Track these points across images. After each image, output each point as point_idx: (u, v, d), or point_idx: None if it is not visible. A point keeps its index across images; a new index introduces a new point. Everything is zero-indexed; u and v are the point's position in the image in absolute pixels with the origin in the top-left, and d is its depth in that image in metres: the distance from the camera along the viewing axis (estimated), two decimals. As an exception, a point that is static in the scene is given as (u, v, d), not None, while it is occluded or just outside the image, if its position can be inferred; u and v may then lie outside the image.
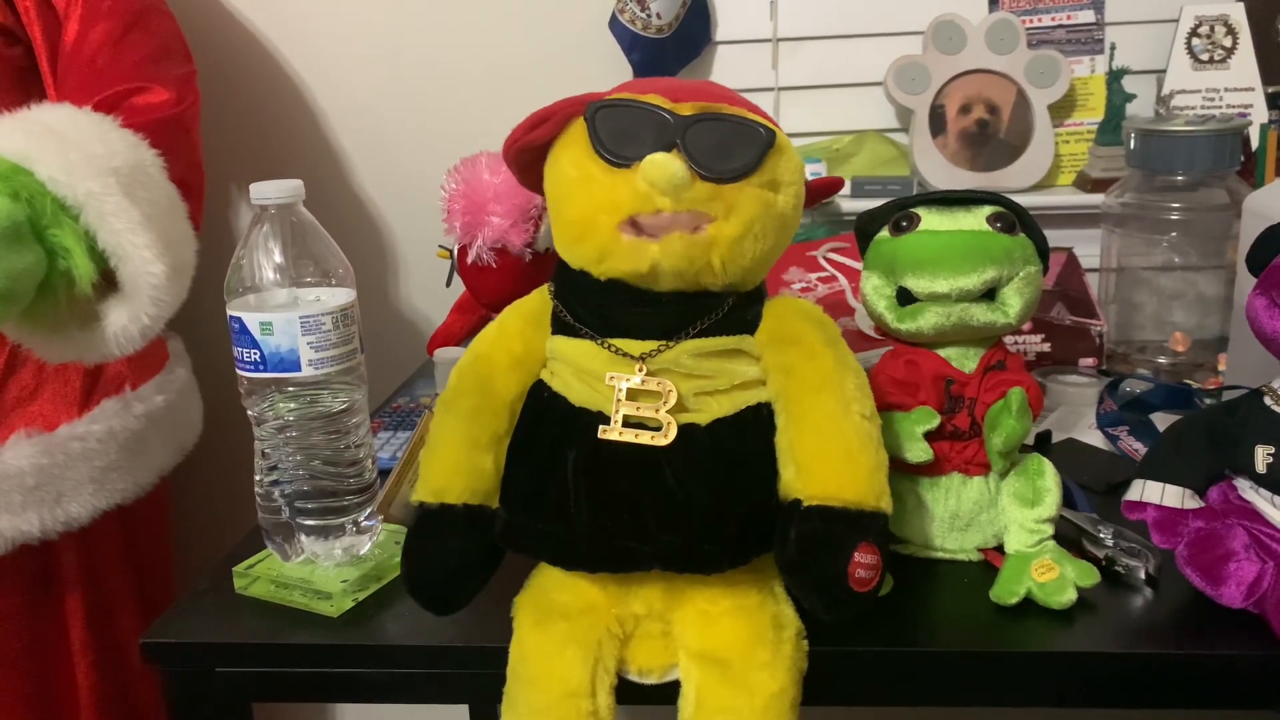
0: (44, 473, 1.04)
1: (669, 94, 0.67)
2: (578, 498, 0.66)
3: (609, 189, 0.65)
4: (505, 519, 0.69)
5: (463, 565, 0.70)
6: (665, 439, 0.66)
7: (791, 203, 0.68)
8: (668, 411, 0.66)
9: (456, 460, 0.70)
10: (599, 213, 0.65)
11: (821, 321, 0.70)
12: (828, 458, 0.65)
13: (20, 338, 0.86)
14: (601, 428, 0.67)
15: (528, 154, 0.71)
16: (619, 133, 0.65)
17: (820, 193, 0.77)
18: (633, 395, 0.67)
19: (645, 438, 0.66)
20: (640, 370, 0.67)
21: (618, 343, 0.68)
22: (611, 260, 0.66)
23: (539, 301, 0.72)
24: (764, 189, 0.66)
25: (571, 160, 0.67)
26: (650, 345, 0.67)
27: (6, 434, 1.05)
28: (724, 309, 0.68)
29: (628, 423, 0.66)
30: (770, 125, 0.67)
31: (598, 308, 0.69)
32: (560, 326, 0.70)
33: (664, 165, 0.62)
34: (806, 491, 0.65)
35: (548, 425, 0.69)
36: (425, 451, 0.71)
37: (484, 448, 0.70)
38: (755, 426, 0.68)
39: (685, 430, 0.66)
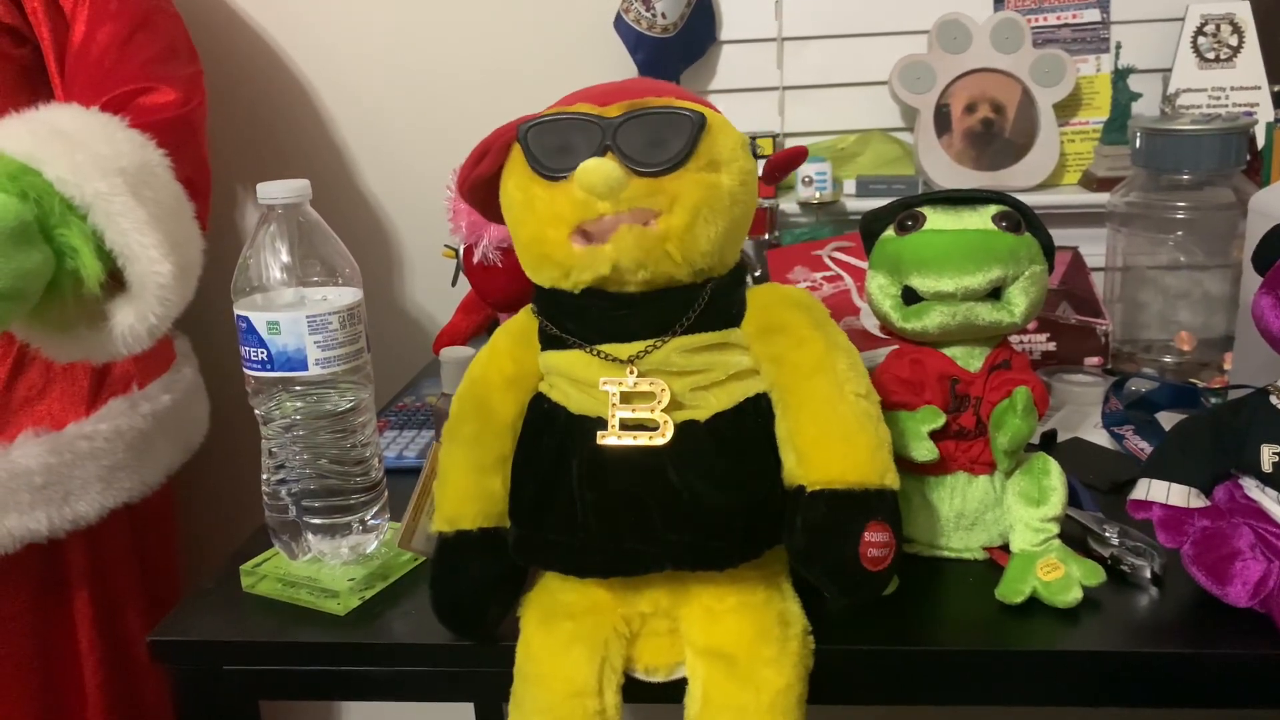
0: (52, 471, 1.04)
1: (597, 99, 0.67)
2: (584, 505, 0.66)
3: (550, 204, 0.66)
4: (516, 534, 0.70)
5: (485, 588, 0.71)
6: (663, 438, 0.66)
7: (738, 179, 0.67)
8: (663, 410, 0.66)
9: (465, 487, 0.71)
10: (547, 229, 0.66)
11: (807, 305, 0.70)
12: (827, 442, 0.65)
13: (28, 337, 0.87)
14: (599, 433, 0.67)
15: (481, 189, 0.71)
16: (552, 148, 0.66)
17: (784, 165, 0.76)
18: (627, 398, 0.67)
19: (644, 438, 0.66)
20: (631, 373, 0.67)
21: (606, 348, 0.68)
22: (575, 272, 0.66)
23: (524, 320, 0.73)
24: (704, 172, 0.66)
25: (516, 185, 0.68)
26: (638, 347, 0.67)
27: (15, 433, 1.05)
28: (703, 300, 0.68)
29: (625, 425, 0.67)
30: (699, 108, 0.67)
31: (580, 317, 0.69)
32: (549, 341, 0.71)
33: (596, 170, 0.63)
34: (809, 477, 0.65)
35: (549, 436, 0.69)
36: (438, 482, 0.72)
37: (490, 470, 0.71)
38: (755, 418, 0.68)
39: (685, 427, 0.66)
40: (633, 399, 0.67)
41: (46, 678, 1.14)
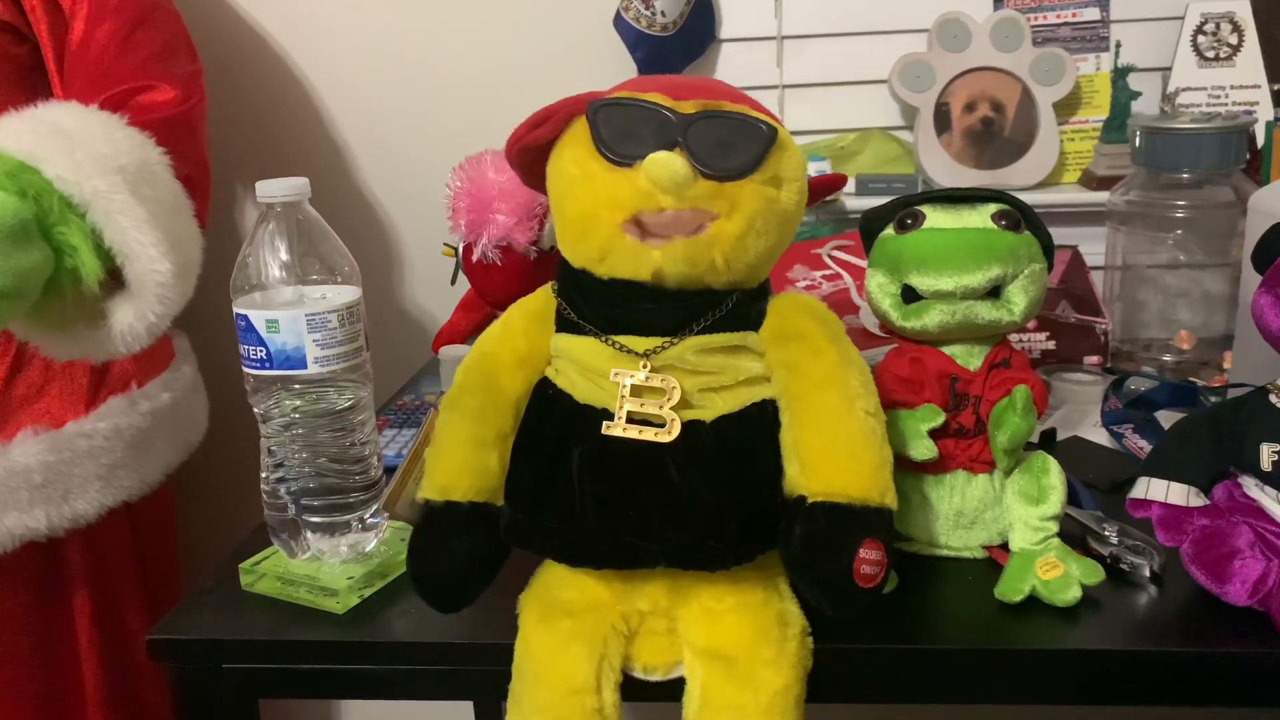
0: (51, 470, 1.04)
1: (670, 91, 0.67)
2: (582, 495, 0.66)
3: (611, 187, 0.65)
4: (510, 516, 0.69)
5: (468, 563, 0.70)
6: (669, 435, 0.66)
7: (794, 199, 0.68)
8: (671, 408, 0.66)
9: (462, 458, 0.70)
10: (601, 210, 0.65)
11: (825, 318, 0.70)
12: (832, 454, 0.65)
13: (27, 335, 0.87)
14: (606, 424, 0.67)
15: (530, 153, 0.71)
16: (621, 131, 0.66)
17: (823, 190, 0.77)
18: (636, 392, 0.67)
19: (649, 434, 0.66)
20: (644, 367, 0.67)
21: (621, 339, 0.68)
22: (613, 260, 0.66)
23: (543, 299, 0.72)
24: (766, 185, 0.66)
25: (573, 159, 0.67)
26: (654, 342, 0.67)
27: (14, 431, 1.05)
28: (727, 305, 0.68)
29: (632, 419, 0.66)
30: (772, 122, 0.67)
31: (601, 305, 0.69)
32: (564, 324, 0.70)
33: (666, 164, 0.63)
34: (811, 488, 0.65)
35: (553, 422, 0.69)
36: (431, 450, 0.71)
37: (489, 445, 0.70)
38: (760, 423, 0.68)
39: (690, 427, 0.66)
40: (642, 393, 0.67)
41: (46, 676, 1.14)
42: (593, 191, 0.66)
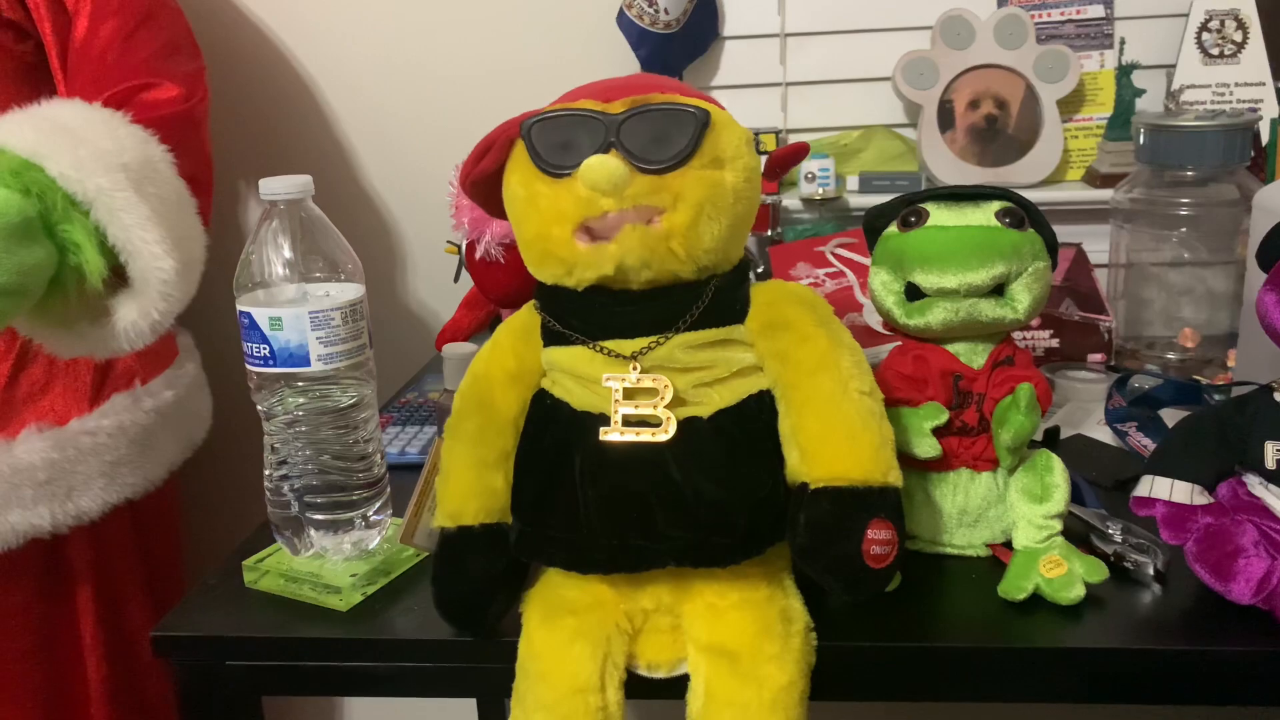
0: (55, 467, 1.05)
1: (600, 95, 0.67)
2: (585, 501, 0.66)
3: (554, 200, 0.66)
4: (518, 529, 0.70)
5: (487, 584, 0.71)
6: (666, 434, 0.66)
7: (741, 176, 0.67)
8: (666, 407, 0.66)
9: (468, 483, 0.71)
10: (551, 226, 0.66)
11: (812, 302, 0.70)
12: (831, 439, 0.66)
13: (31, 332, 0.87)
14: (602, 429, 0.67)
15: (482, 185, 0.72)
16: (555, 144, 0.66)
17: (787, 161, 0.77)
18: (630, 394, 0.67)
19: (647, 434, 0.66)
20: (634, 369, 0.67)
21: (609, 344, 0.68)
22: (579, 270, 0.66)
23: (527, 316, 0.73)
24: (708, 169, 0.66)
25: (520, 181, 0.68)
26: (641, 343, 0.68)
27: (18, 428, 1.05)
28: (707, 297, 0.68)
29: (628, 422, 0.67)
30: (705, 105, 0.67)
31: (583, 314, 0.69)
32: (551, 337, 0.71)
33: (600, 167, 0.63)
34: (813, 474, 0.65)
35: (552, 432, 0.70)
36: (439, 478, 0.73)
37: (492, 466, 0.71)
38: (758, 415, 0.68)
39: (688, 424, 0.66)
40: (635, 395, 0.67)
41: (49, 673, 1.14)
42: (540, 209, 0.67)
